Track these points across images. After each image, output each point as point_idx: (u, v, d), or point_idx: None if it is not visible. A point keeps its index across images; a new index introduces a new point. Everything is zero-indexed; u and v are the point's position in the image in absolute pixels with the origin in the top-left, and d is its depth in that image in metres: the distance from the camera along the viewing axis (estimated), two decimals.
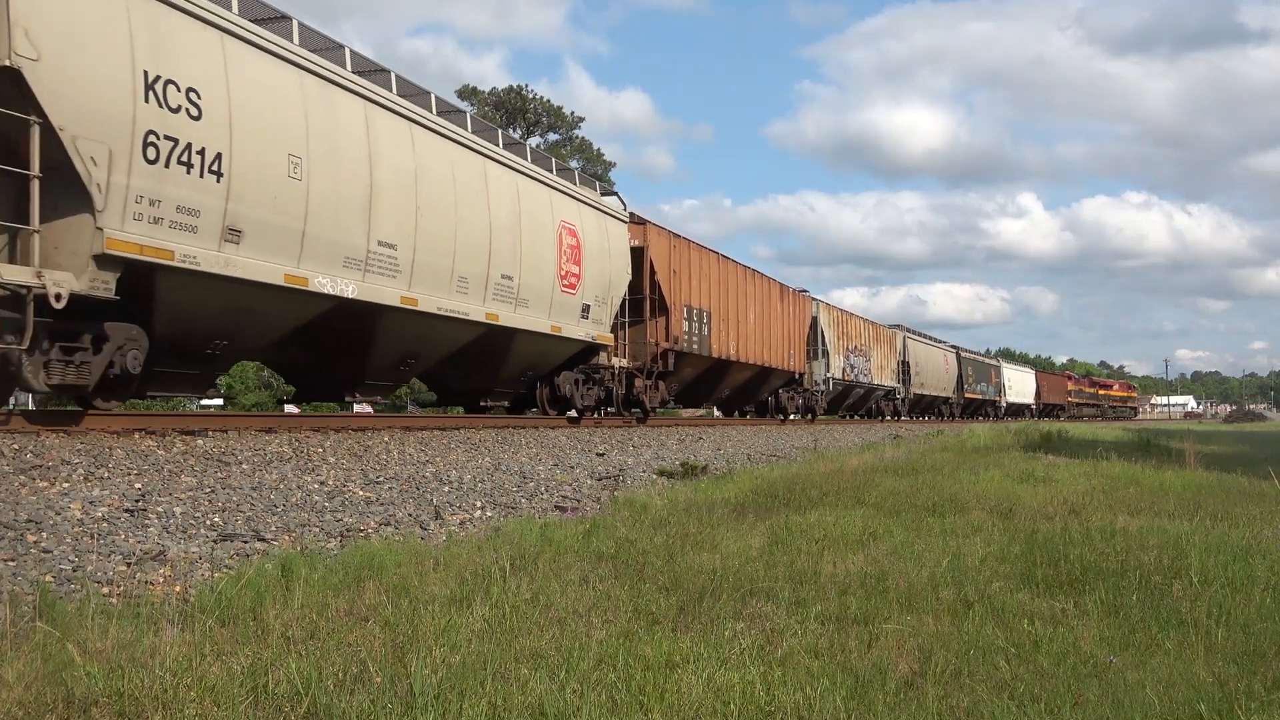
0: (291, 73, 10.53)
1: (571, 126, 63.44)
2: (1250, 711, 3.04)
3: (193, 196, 9.21)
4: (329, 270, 11.01)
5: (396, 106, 12.29)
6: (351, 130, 11.40)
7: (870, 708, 3.08)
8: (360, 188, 11.44)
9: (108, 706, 2.90)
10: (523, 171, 15.24)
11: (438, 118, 13.19)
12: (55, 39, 7.98)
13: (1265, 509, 7.86)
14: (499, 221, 14.33)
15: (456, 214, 13.28)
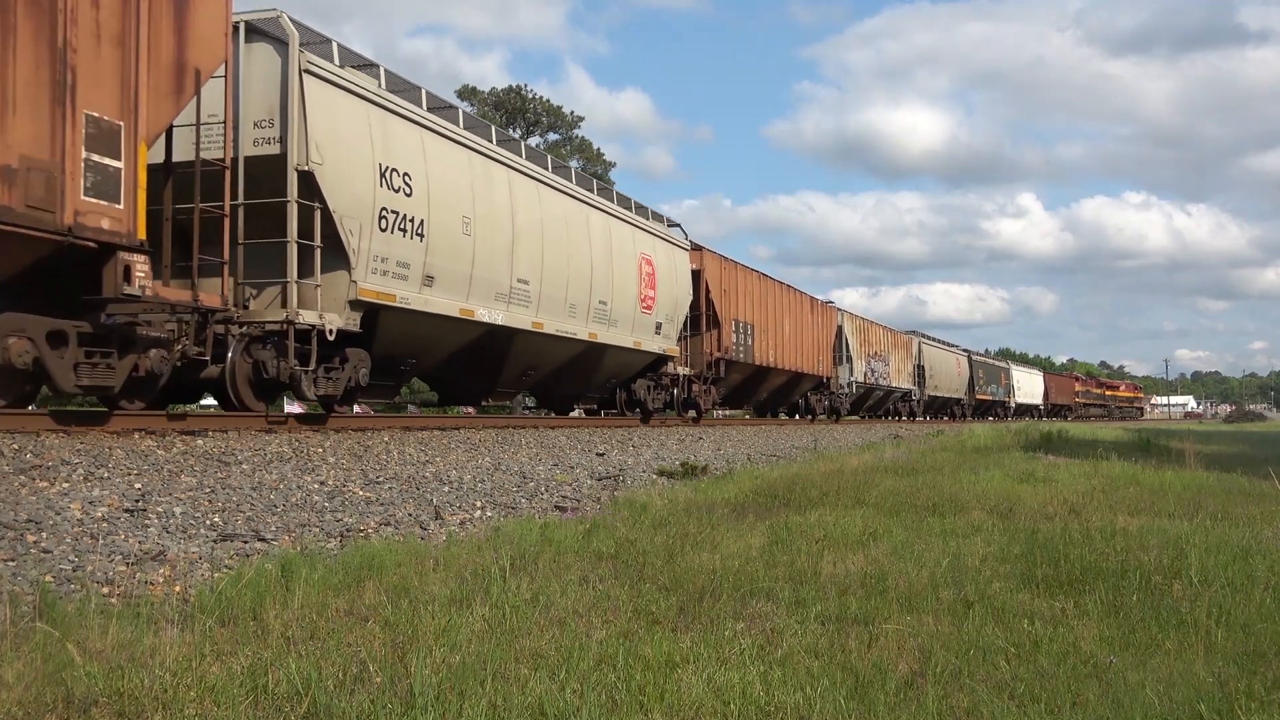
0: (462, 153, 13.74)
1: (571, 126, 63.44)
2: (1250, 711, 3.04)
3: (405, 254, 12.34)
4: (485, 303, 14.14)
5: (527, 170, 15.52)
6: (500, 192, 14.52)
7: (870, 708, 3.08)
8: (506, 237, 14.60)
9: (108, 706, 2.90)
10: (612, 214, 18.52)
11: (554, 175, 16.53)
12: (331, 147, 10.98)
13: (1265, 509, 7.86)
14: (597, 257, 17.51)
15: (569, 253, 16.52)
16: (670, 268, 20.68)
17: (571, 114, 63.55)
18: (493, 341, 14.77)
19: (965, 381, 54.56)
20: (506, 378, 16.15)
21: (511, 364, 15.82)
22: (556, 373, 17.54)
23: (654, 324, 19.88)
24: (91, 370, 8.73)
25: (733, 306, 24.28)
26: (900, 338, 43.80)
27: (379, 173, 11.74)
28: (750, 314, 25.43)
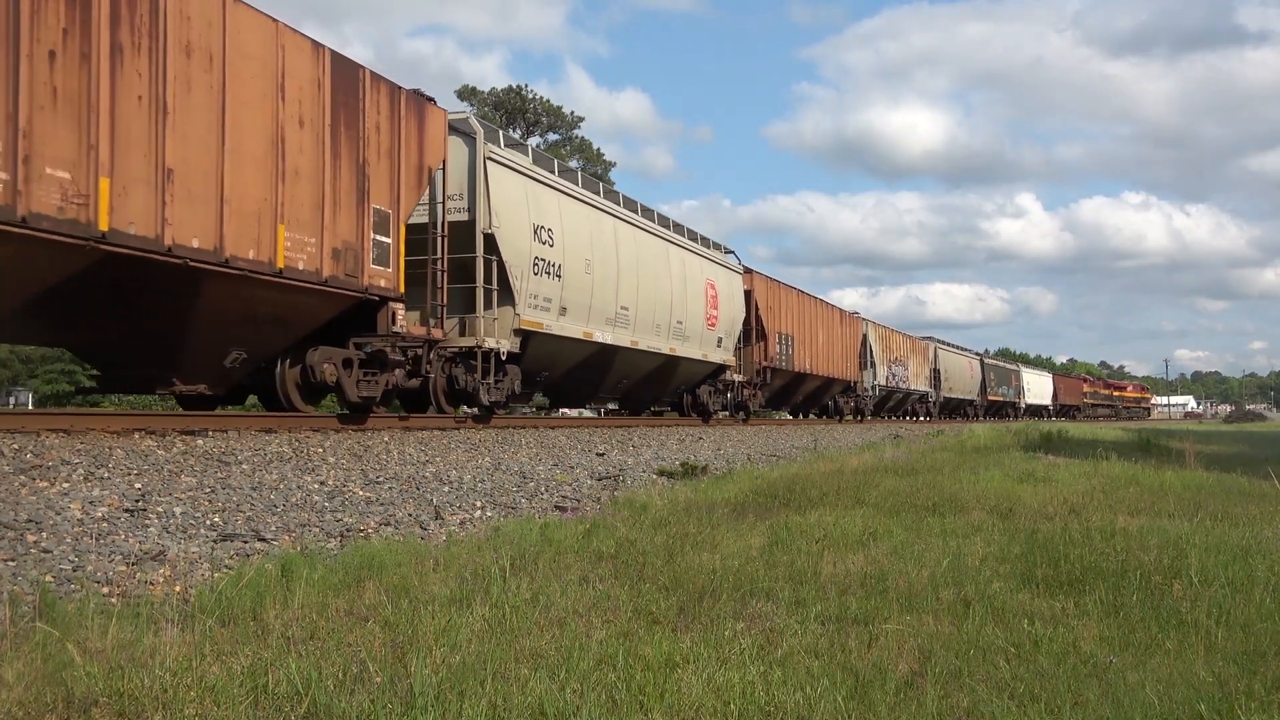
0: (583, 208, 17.30)
1: (571, 126, 63.43)
2: (1250, 711, 3.04)
3: (548, 291, 15.81)
4: (599, 327, 17.62)
5: (625, 216, 19.13)
6: (607, 237, 18.12)
7: (870, 708, 3.08)
8: (613, 273, 18.15)
9: (108, 706, 2.90)
10: (685, 247, 22.10)
11: (642, 218, 20.06)
12: (503, 213, 14.40)
13: (1265, 509, 7.86)
14: (675, 284, 21.05)
15: (655, 283, 20.09)
16: (729, 289, 24.45)
17: (571, 114, 63.56)
18: (601, 357, 18.26)
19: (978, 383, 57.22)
20: (606, 385, 20.00)
21: (612, 374, 19.47)
22: (642, 381, 21.13)
23: (716, 338, 23.45)
24: (367, 385, 12.18)
25: (776, 321, 27.86)
26: (918, 343, 46.76)
27: (532, 230, 15.35)
28: (790, 327, 29.04)
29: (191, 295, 9.67)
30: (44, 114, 7.85)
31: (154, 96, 8.83)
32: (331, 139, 11.04)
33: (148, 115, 8.77)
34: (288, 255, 10.34)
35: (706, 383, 23.91)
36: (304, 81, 10.62)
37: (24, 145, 7.69)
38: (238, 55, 9.70)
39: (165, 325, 9.96)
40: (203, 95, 9.33)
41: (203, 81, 9.33)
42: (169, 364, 10.45)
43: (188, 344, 10.24)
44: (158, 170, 8.84)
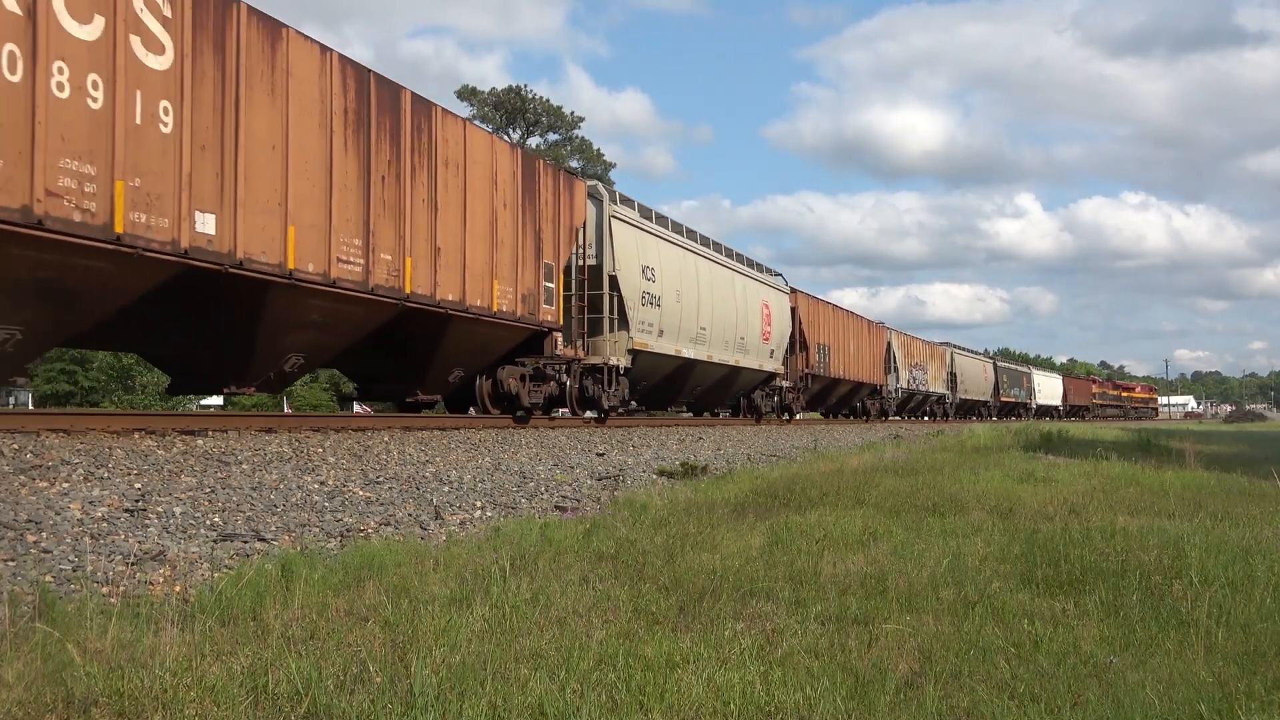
0: (674, 248, 21.47)
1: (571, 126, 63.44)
2: (1250, 711, 3.04)
3: (651, 318, 19.74)
4: (686, 344, 21.63)
5: (703, 252, 23.35)
6: (690, 270, 22.13)
7: (870, 708, 3.08)
8: (694, 300, 22.13)
9: (108, 706, 2.90)
10: (745, 273, 26.29)
11: (713, 251, 24.22)
12: (623, 259, 18.46)
13: (1265, 509, 7.85)
14: (738, 306, 25.07)
15: (725, 306, 24.01)
16: (779, 308, 28.74)
17: (571, 114, 63.57)
18: (684, 369, 22.25)
19: (991, 385, 60.83)
20: (685, 392, 24.04)
21: (690, 383, 23.43)
22: (712, 388, 25.11)
23: (769, 350, 27.64)
24: (533, 393, 16.12)
25: (816, 333, 32.04)
26: (936, 349, 50.77)
27: (641, 270, 19.38)
28: (827, 337, 33.21)
29: (442, 333, 13.63)
30: (379, 218, 11.70)
31: (430, 199, 12.78)
32: (521, 214, 15.13)
33: (427, 212, 12.72)
34: (498, 301, 14.44)
35: (760, 388, 28.30)
36: (506, 175, 14.67)
37: (371, 240, 11.59)
38: (472, 162, 13.73)
39: (423, 354, 13.96)
40: (454, 194, 13.35)
41: (454, 184, 13.35)
42: (418, 381, 14.35)
43: (433, 366, 14.15)
44: (431, 249, 12.84)
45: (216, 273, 9.52)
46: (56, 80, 7.91)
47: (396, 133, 12.04)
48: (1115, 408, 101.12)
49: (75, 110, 8.03)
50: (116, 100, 8.36)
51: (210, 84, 9.39)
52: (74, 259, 8.19)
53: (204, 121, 9.29)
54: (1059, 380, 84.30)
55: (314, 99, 10.71)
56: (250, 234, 9.76)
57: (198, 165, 9.19)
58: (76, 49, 8.06)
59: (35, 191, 7.69)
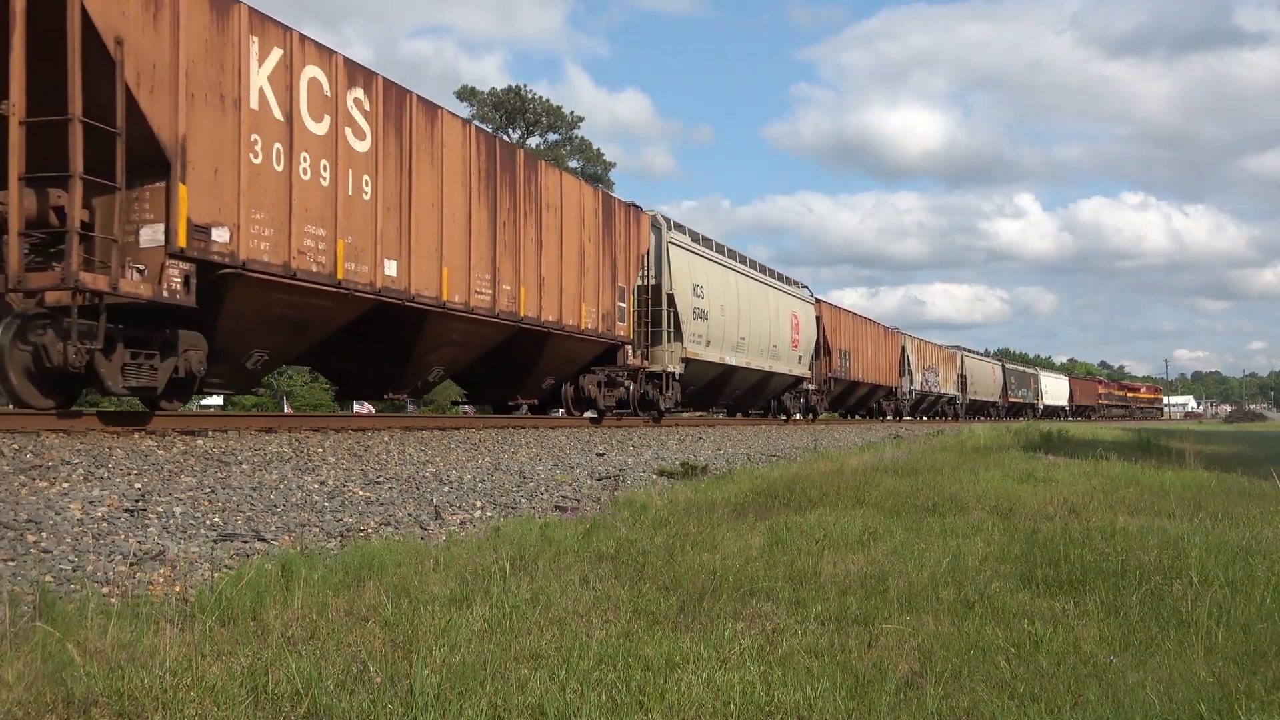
0: (718, 268, 24.00)
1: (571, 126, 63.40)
2: (1250, 711, 3.04)
3: (700, 330, 22.25)
4: (728, 353, 24.05)
5: (742, 270, 25.95)
6: (731, 286, 24.67)
7: (870, 708, 3.08)
8: (735, 313, 24.68)
9: (108, 706, 2.90)
10: (776, 287, 28.89)
11: (750, 269, 26.93)
12: (678, 279, 20.95)
13: (1265, 509, 7.85)
14: (770, 317, 27.67)
15: (760, 317, 26.67)
16: (805, 317, 31.36)
17: (571, 114, 63.52)
18: (725, 374, 24.61)
19: (1000, 387, 63.38)
20: (724, 395, 26.53)
21: (729, 387, 25.82)
22: (747, 391, 27.75)
23: (797, 356, 30.18)
24: (606, 397, 18.78)
25: (838, 339, 34.62)
26: (947, 352, 53.47)
27: (693, 288, 22.04)
28: (847, 343, 35.79)
29: (542, 348, 16.20)
30: (501, 256, 14.35)
31: (537, 237, 15.42)
32: (601, 245, 17.84)
33: (535, 249, 15.39)
34: (585, 320, 17.07)
35: (789, 391, 31.01)
36: (590, 214, 17.46)
37: (496, 274, 14.25)
38: (566, 205, 16.44)
39: (525, 365, 16.49)
40: (553, 233, 15.97)
41: (553, 224, 15.99)
42: (518, 387, 17.04)
43: (532, 375, 16.79)
44: (538, 279, 15.47)
45: (397, 306, 12.20)
46: (303, 167, 10.49)
47: (513, 185, 14.84)
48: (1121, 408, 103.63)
49: (313, 188, 10.64)
50: (337, 178, 10.99)
51: (393, 159, 12.06)
52: (309, 299, 10.80)
53: (389, 188, 11.96)
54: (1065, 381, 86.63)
55: (458, 164, 13.47)
56: (418, 274, 12.48)
57: (386, 223, 11.87)
58: (313, 142, 10.65)
59: (291, 251, 10.27)
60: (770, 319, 27.49)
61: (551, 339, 16.16)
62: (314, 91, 10.69)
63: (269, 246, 9.98)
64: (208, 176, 9.27)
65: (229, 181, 9.52)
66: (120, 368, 9.03)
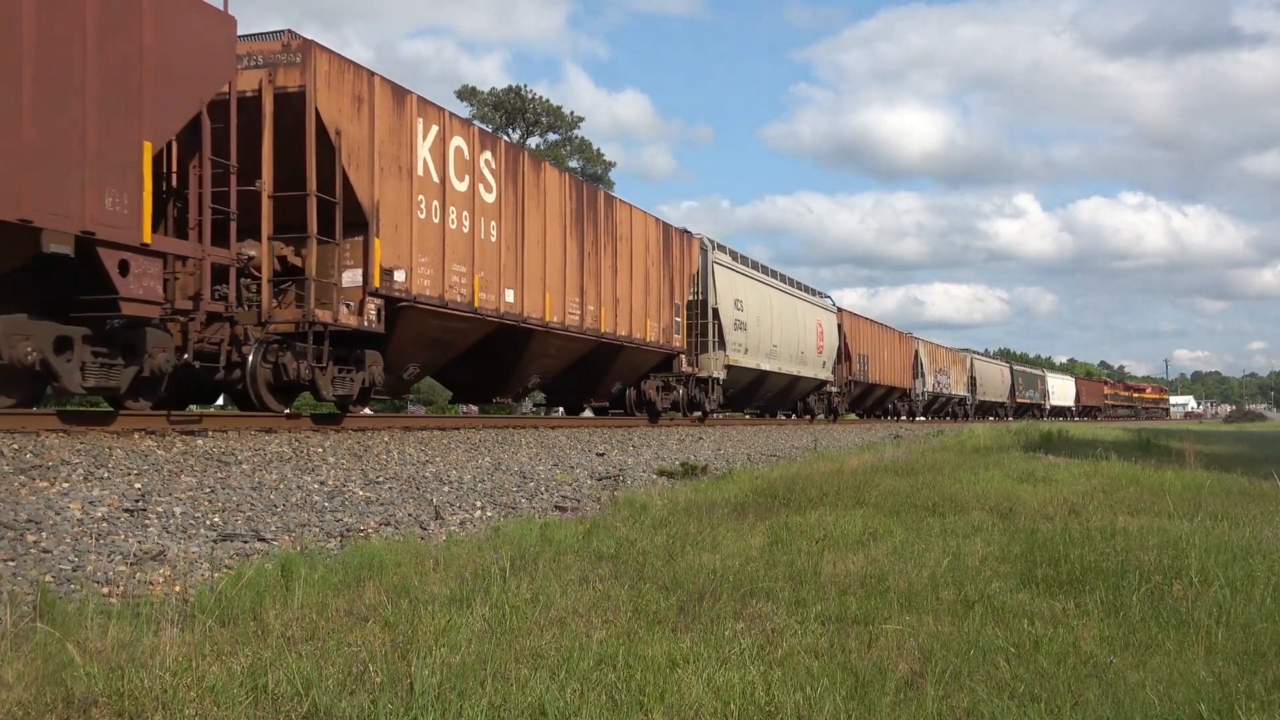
0: (754, 283, 26.64)
1: (571, 126, 63.35)
2: (1250, 711, 3.04)
3: (740, 339, 24.56)
4: (762, 359, 26.52)
5: (774, 284, 28.72)
6: (766, 299, 27.31)
7: (870, 708, 3.08)
8: (769, 324, 27.28)
9: (108, 706, 2.90)
10: (803, 299, 31.68)
11: (781, 283, 29.77)
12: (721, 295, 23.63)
13: (1265, 509, 7.86)
14: (799, 325, 30.49)
15: (789, 326, 29.39)
16: (829, 325, 34.18)
17: (571, 114, 63.45)
18: (759, 378, 27.19)
19: (1007, 388, 65.70)
20: (758, 397, 29.40)
21: (763, 390, 28.63)
22: (778, 394, 30.58)
23: (822, 362, 32.93)
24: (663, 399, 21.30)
25: (857, 344, 37.29)
26: (957, 355, 56.05)
27: (733, 303, 24.57)
28: (866, 348, 38.50)
29: (615, 358, 19.08)
30: (587, 282, 17.25)
31: (612, 264, 18.36)
32: (661, 268, 20.79)
33: (611, 274, 18.24)
34: (649, 334, 19.92)
35: (814, 393, 33.81)
36: (653, 241, 20.48)
37: (583, 298, 17.10)
38: (635, 234, 19.50)
39: (601, 372, 19.23)
40: (625, 260, 18.91)
41: (624, 252, 18.93)
42: (592, 391, 19.93)
43: (604, 381, 19.63)
44: (614, 300, 18.34)
45: (513, 326, 15.07)
46: (451, 218, 13.32)
47: (595, 220, 17.85)
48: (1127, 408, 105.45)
49: (458, 234, 13.52)
50: (474, 225, 13.89)
51: (511, 206, 14.93)
52: (453, 323, 13.68)
53: (508, 230, 14.83)
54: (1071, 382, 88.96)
55: (556, 206, 16.41)
56: (528, 300, 15.32)
57: (506, 259, 14.72)
58: (457, 197, 13.55)
59: (444, 285, 13.11)
60: (799, 328, 30.48)
61: (623, 351, 19.10)
62: (458, 157, 13.65)
63: (430, 283, 12.79)
64: (390, 231, 12.01)
65: (404, 234, 12.29)
66: (330, 380, 11.55)
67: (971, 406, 56.64)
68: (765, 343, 26.86)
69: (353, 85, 11.53)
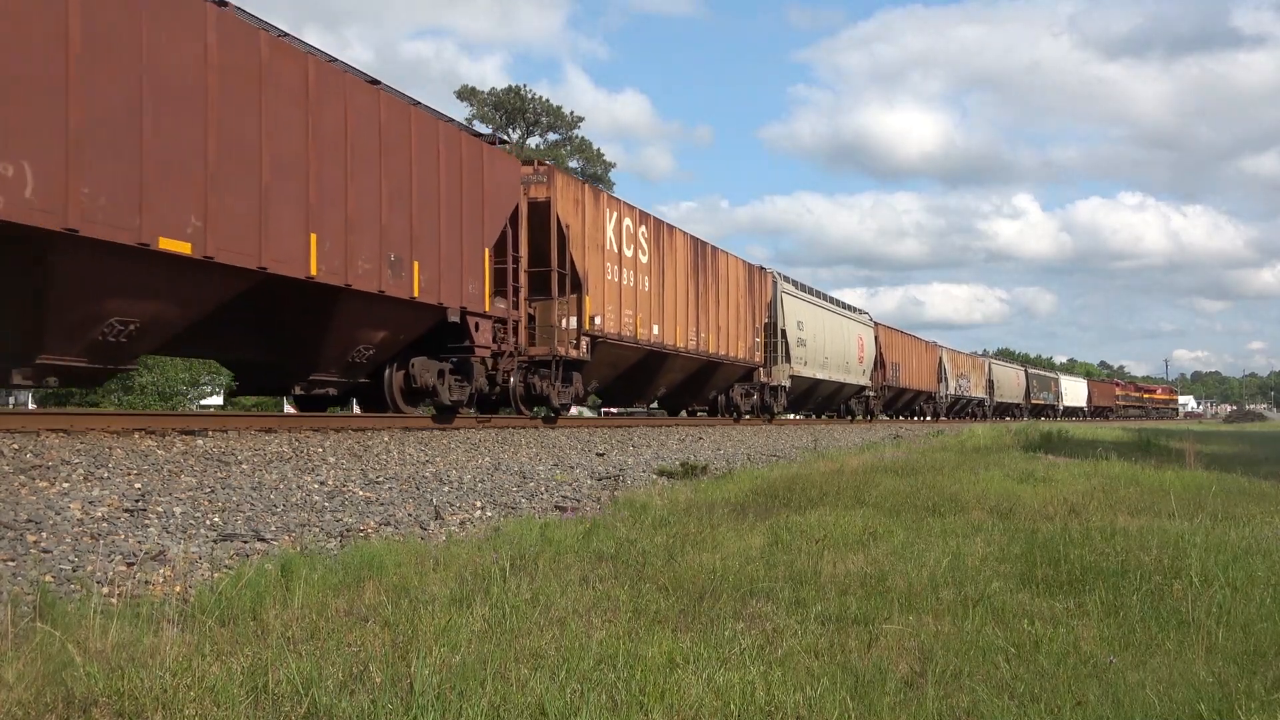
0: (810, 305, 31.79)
1: (571, 126, 63.35)
2: (1250, 711, 3.04)
3: (800, 353, 30.07)
4: (817, 370, 31.47)
5: (824, 305, 33.30)
6: (819, 319, 32.31)
7: (871, 708, 3.08)
8: (823, 339, 32.37)
9: (108, 706, 2.90)
10: (846, 316, 36.13)
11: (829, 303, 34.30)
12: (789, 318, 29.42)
13: (1265, 509, 7.86)
14: (844, 339, 35.16)
15: (836, 341, 33.96)
16: (867, 338, 39.07)
17: (571, 114, 63.46)
18: (814, 385, 32.18)
19: (1023, 390, 70.21)
20: (811, 401, 34.58)
21: (816, 395, 33.96)
22: (828, 398, 35.91)
23: (862, 369, 37.81)
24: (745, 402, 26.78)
25: (890, 354, 42.31)
26: (977, 360, 61.17)
27: (796, 323, 29.61)
28: (897, 357, 43.63)
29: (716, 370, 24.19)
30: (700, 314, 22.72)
31: (715, 300, 23.57)
32: (746, 299, 26.09)
33: (714, 307, 23.52)
34: (739, 351, 25.23)
35: (854, 397, 38.63)
36: (741, 278, 25.88)
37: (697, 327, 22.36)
38: (729, 275, 24.84)
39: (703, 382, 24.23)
40: (723, 296, 24.15)
41: (722, 290, 24.19)
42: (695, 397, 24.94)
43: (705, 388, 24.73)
44: (717, 327, 23.58)
45: (657, 351, 20.41)
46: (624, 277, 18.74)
47: (704, 267, 23.32)
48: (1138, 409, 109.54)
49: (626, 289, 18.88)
50: (636, 280, 19.29)
51: (655, 263, 20.41)
52: (623, 351, 19.03)
53: (654, 282, 20.32)
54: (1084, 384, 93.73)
55: (682, 260, 22.02)
56: (665, 331, 20.68)
57: (653, 304, 20.12)
58: (627, 262, 18.92)
59: (620, 326, 18.45)
60: (844, 342, 35.75)
61: (721, 366, 24.43)
62: (626, 232, 19.07)
63: (612, 324, 18.14)
64: (591, 290, 17.28)
65: (599, 291, 17.62)
66: (557, 392, 16.40)
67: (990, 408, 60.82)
68: (819, 355, 32.27)
69: (574, 193, 16.99)
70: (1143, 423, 75.87)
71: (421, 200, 12.33)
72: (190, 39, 8.92)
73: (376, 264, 11.47)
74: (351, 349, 11.98)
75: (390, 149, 11.77)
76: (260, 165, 9.73)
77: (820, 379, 32.31)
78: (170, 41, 8.70)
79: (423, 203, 12.36)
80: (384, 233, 11.58)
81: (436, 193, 12.67)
